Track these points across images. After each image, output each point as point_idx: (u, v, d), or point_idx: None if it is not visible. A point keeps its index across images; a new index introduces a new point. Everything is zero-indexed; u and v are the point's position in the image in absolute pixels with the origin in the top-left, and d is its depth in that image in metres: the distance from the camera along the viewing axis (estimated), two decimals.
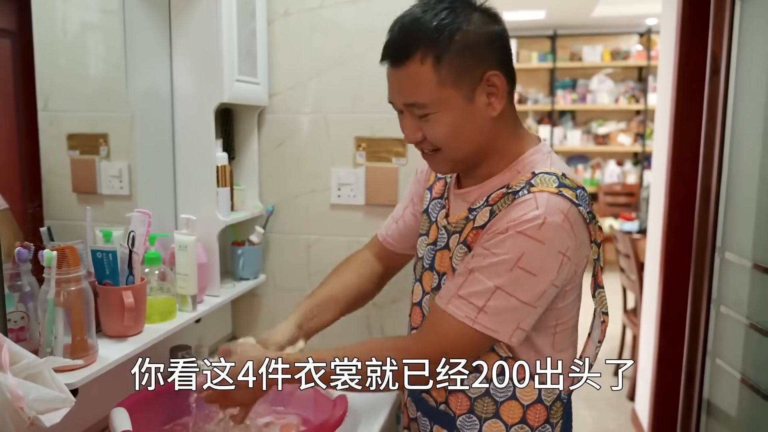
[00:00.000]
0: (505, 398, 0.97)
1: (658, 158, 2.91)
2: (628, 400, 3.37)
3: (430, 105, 0.92)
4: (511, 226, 0.87)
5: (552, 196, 0.88)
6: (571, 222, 0.88)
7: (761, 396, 1.53)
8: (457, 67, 0.89)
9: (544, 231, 0.86)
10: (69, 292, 1.04)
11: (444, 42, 0.88)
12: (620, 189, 6.36)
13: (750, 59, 1.63)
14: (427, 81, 0.90)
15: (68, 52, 1.34)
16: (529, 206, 0.88)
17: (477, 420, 0.98)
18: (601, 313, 0.99)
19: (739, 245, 1.66)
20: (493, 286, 0.88)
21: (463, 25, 0.90)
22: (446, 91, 0.90)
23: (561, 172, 0.93)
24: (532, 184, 0.90)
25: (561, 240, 0.87)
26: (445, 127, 0.93)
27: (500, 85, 0.92)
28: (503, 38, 0.95)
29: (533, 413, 0.97)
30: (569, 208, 0.88)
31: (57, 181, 1.29)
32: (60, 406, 0.85)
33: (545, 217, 0.86)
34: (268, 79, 1.68)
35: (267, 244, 1.76)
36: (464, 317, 0.89)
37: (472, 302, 0.89)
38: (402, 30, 0.92)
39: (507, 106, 0.96)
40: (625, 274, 3.57)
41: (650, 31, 6.18)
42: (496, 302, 0.88)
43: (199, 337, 1.56)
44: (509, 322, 0.89)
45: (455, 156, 0.97)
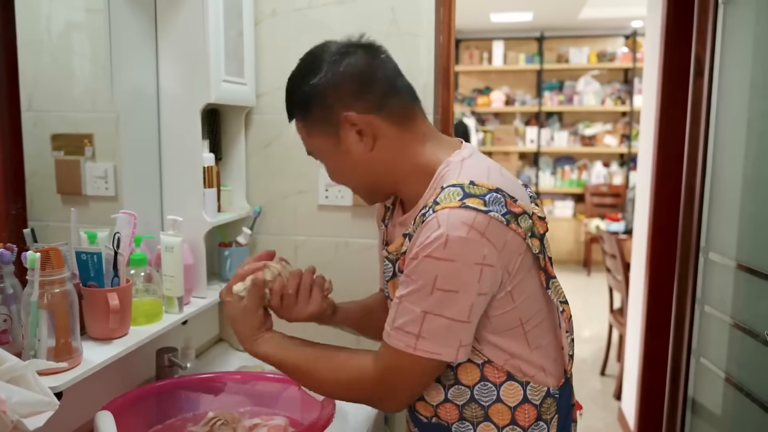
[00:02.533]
0: (491, 402, 0.97)
1: (644, 159, 2.94)
2: (614, 399, 3.40)
3: (314, 152, 1.04)
4: (419, 251, 0.87)
5: (453, 211, 0.87)
6: (480, 230, 0.86)
7: (745, 394, 1.55)
8: (314, 119, 0.99)
9: (450, 248, 0.85)
10: (53, 295, 1.03)
11: (303, 104, 0.99)
12: (607, 190, 6.42)
13: (732, 61, 1.65)
14: (303, 135, 1.02)
15: (52, 52, 1.32)
16: (431, 227, 0.87)
17: (470, 425, 0.98)
18: (559, 303, 0.99)
19: (722, 245, 1.68)
20: (420, 311, 0.88)
21: (312, 79, 0.97)
22: (318, 141, 1.00)
23: (468, 181, 0.91)
24: (437, 202, 0.89)
25: (472, 252, 0.86)
26: (333, 169, 1.04)
27: (359, 121, 0.96)
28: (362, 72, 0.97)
29: (522, 413, 0.97)
30: (474, 218, 0.86)
31: (41, 182, 1.28)
32: (43, 410, 0.84)
33: (447, 234, 0.85)
34: (255, 80, 1.68)
35: (254, 245, 1.75)
36: (405, 347, 0.90)
37: (408, 331, 0.89)
38: (286, 94, 1.03)
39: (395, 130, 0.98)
40: (611, 275, 3.60)
41: (636, 33, 6.24)
42: (430, 326, 0.88)
43: (185, 339, 1.56)
44: (449, 342, 0.89)
45: (359, 190, 1.06)
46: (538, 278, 0.97)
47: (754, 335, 1.50)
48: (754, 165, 1.56)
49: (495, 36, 6.51)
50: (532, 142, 6.57)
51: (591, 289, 5.64)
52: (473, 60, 6.58)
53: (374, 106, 0.97)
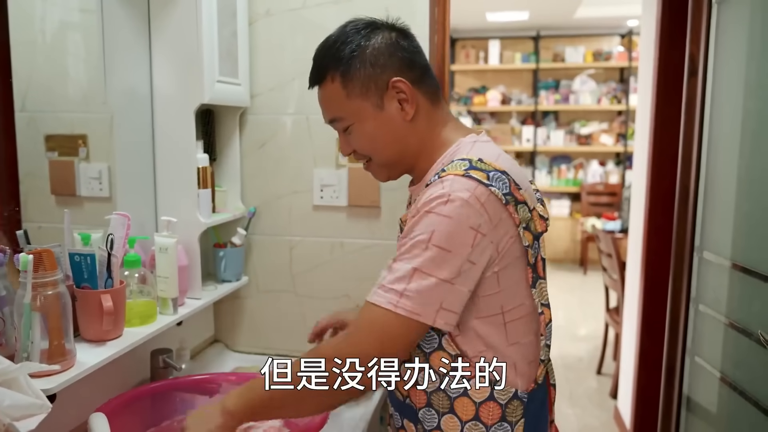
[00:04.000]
0: (457, 394, 0.97)
1: (639, 158, 2.94)
2: (610, 397, 3.41)
3: (346, 117, 1.02)
4: (421, 208, 0.91)
5: (457, 177, 0.91)
6: (480, 200, 0.90)
7: (739, 393, 1.55)
8: (362, 79, 0.99)
9: (449, 206, 0.89)
10: (46, 297, 1.02)
11: (347, 59, 0.99)
12: (602, 189, 6.42)
13: (726, 61, 1.65)
14: (339, 96, 1.00)
15: (46, 52, 1.32)
16: (435, 188, 0.92)
17: (435, 413, 1.00)
18: (540, 304, 0.99)
19: (717, 245, 1.69)
20: (411, 268, 0.89)
21: (362, 42, 1.00)
22: (357, 103, 1.00)
23: (477, 158, 0.95)
24: (444, 170, 0.94)
25: (470, 216, 0.89)
26: (365, 136, 1.02)
27: (407, 90, 0.99)
28: (405, 48, 1.02)
29: (486, 411, 0.97)
30: (476, 186, 0.90)
31: (35, 183, 1.27)
32: (36, 413, 0.84)
33: (450, 194, 0.89)
34: (249, 80, 1.67)
35: (249, 245, 1.75)
36: (386, 303, 0.90)
37: (393, 288, 0.90)
38: (316, 57, 1.05)
39: (428, 107, 1.03)
40: (607, 273, 3.61)
41: (631, 32, 6.25)
42: (415, 284, 0.89)
43: (180, 341, 1.55)
44: (431, 302, 0.89)
45: (384, 161, 1.05)
46: (525, 272, 0.98)
47: (748, 334, 1.51)
48: (749, 164, 1.56)
49: (491, 35, 6.51)
50: (528, 141, 6.57)
51: (587, 288, 5.65)
52: (469, 59, 6.58)
53: (417, 78, 1.02)
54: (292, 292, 1.75)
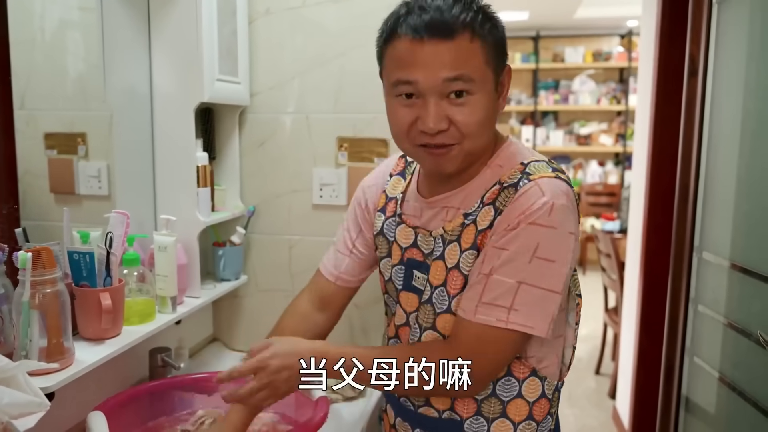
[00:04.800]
0: (512, 397, 0.97)
1: (639, 159, 2.94)
2: (609, 397, 3.41)
3: (477, 80, 0.89)
4: (522, 219, 0.87)
5: (552, 180, 0.89)
6: (573, 202, 0.91)
7: (738, 393, 1.55)
8: (495, 54, 0.91)
9: (554, 215, 0.87)
10: (44, 295, 1.02)
11: (489, 26, 0.90)
12: (602, 189, 6.42)
13: (726, 61, 1.65)
14: (477, 57, 0.89)
15: (45, 50, 1.32)
16: (534, 194, 0.88)
17: (485, 421, 0.97)
18: (575, 295, 1.00)
19: (716, 245, 1.69)
20: (515, 282, 0.87)
21: (494, 19, 0.92)
22: (489, 73, 0.91)
23: (547, 158, 0.96)
24: (529, 173, 0.91)
25: (569, 221, 0.89)
26: (480, 111, 0.90)
27: (508, 81, 0.96)
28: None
29: (539, 408, 0.98)
30: (568, 189, 0.90)
31: (34, 181, 1.27)
32: (34, 411, 0.84)
33: (553, 202, 0.87)
34: (249, 79, 1.67)
35: (248, 244, 1.75)
36: (496, 321, 0.88)
37: (499, 305, 0.88)
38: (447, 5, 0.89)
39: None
40: (606, 274, 3.61)
41: (631, 32, 6.25)
42: (524, 297, 0.87)
43: (179, 339, 1.55)
44: (543, 315, 0.88)
45: (474, 147, 0.93)
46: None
47: (747, 335, 1.51)
48: (748, 164, 1.56)
49: None
50: (527, 141, 6.57)
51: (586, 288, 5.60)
52: None
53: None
54: (291, 291, 1.74)
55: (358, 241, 1.16)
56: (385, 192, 1.12)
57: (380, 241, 1.10)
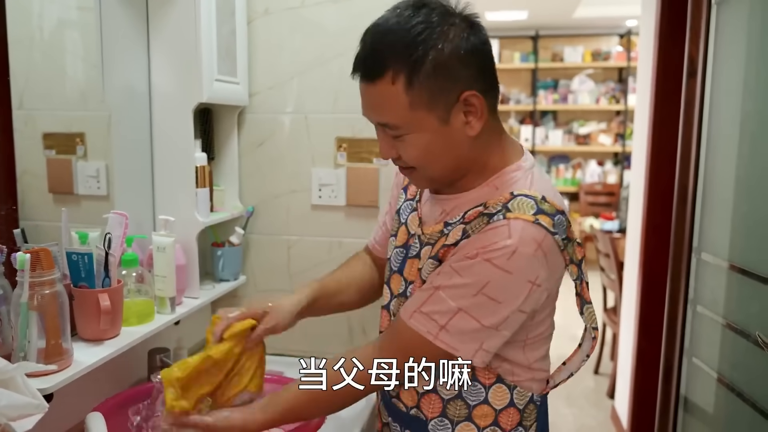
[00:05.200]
0: (478, 402, 0.96)
1: (637, 158, 2.94)
2: (607, 397, 3.41)
3: (402, 126, 0.87)
4: (480, 252, 0.85)
5: (527, 224, 0.85)
6: (545, 251, 0.85)
7: (736, 394, 1.55)
8: (431, 90, 0.84)
9: (513, 261, 0.84)
10: (43, 296, 1.02)
11: (417, 62, 0.83)
12: (601, 188, 6.43)
13: (726, 62, 1.65)
14: (398, 102, 0.85)
15: (43, 50, 1.31)
16: (501, 234, 0.84)
17: (449, 423, 0.97)
18: (591, 329, 0.97)
19: (715, 246, 1.69)
20: (456, 307, 0.87)
21: (438, 43, 0.83)
22: (419, 114, 0.85)
23: (541, 195, 0.88)
24: (509, 208, 0.86)
25: (531, 270, 0.85)
26: (419, 148, 0.89)
27: (478, 104, 0.87)
28: (482, 52, 0.89)
29: (506, 417, 0.97)
30: (544, 237, 0.85)
31: (32, 181, 1.27)
32: (33, 413, 0.84)
33: (516, 247, 0.83)
34: (248, 79, 1.67)
35: (247, 245, 1.74)
36: (426, 333, 0.89)
37: (434, 319, 0.88)
38: (374, 44, 0.86)
39: (489, 119, 0.91)
40: (605, 273, 3.61)
41: (630, 32, 6.25)
42: (458, 323, 0.87)
43: (178, 340, 1.55)
44: (471, 342, 0.88)
45: (433, 175, 0.93)
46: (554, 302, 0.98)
47: (745, 335, 1.51)
48: (747, 165, 1.56)
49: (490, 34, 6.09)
50: (526, 140, 6.57)
51: None
52: None
53: (489, 87, 0.90)
54: (290, 291, 1.72)
55: (388, 216, 1.19)
56: None
57: (395, 219, 1.11)
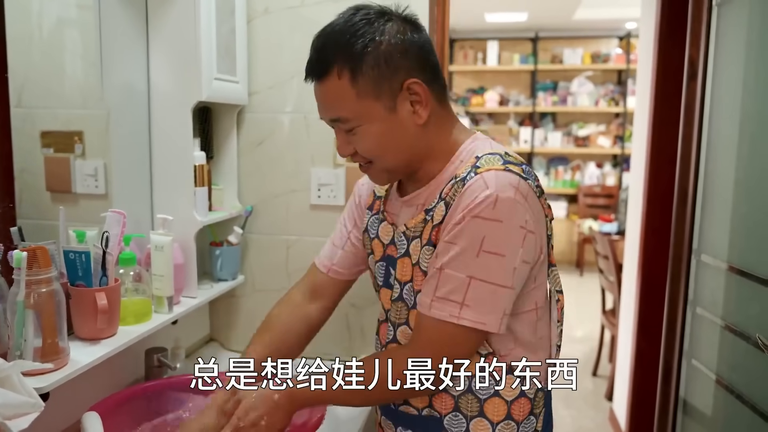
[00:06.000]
0: (488, 395, 0.96)
1: (637, 161, 2.94)
2: (606, 399, 3.41)
3: (353, 119, 0.93)
4: (465, 213, 0.87)
5: (499, 172, 0.88)
6: (524, 194, 0.88)
7: (735, 397, 1.55)
8: (375, 79, 0.90)
9: (498, 209, 0.86)
10: (39, 294, 1.01)
11: (358, 54, 0.89)
12: (600, 191, 6.43)
13: (726, 64, 1.65)
14: (346, 95, 0.91)
15: (42, 48, 1.31)
16: (478, 188, 0.87)
17: (463, 418, 0.97)
18: (555, 291, 1.00)
19: (714, 247, 1.68)
20: (466, 277, 0.87)
21: (376, 36, 0.90)
22: (367, 103, 0.91)
23: (504, 151, 0.94)
24: (478, 166, 0.90)
25: (518, 214, 0.87)
26: (372, 139, 0.94)
27: (422, 92, 0.92)
28: (420, 45, 0.94)
29: (518, 408, 0.97)
30: (518, 181, 0.88)
31: (30, 179, 1.26)
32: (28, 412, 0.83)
33: (497, 195, 0.86)
34: (247, 78, 1.66)
35: (246, 244, 1.74)
36: (448, 316, 0.88)
37: (452, 300, 0.88)
38: (319, 47, 0.93)
39: (437, 108, 0.96)
40: (603, 275, 3.61)
41: (630, 34, 6.25)
42: (475, 293, 0.87)
43: (175, 339, 1.54)
44: (494, 310, 0.88)
45: (388, 166, 0.97)
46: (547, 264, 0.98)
47: (745, 338, 1.51)
48: (747, 167, 1.56)
49: (489, 36, 6.51)
50: (525, 142, 6.57)
51: (583, 290, 5.65)
52: (467, 60, 6.58)
53: (430, 78, 0.94)
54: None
55: (352, 235, 1.18)
56: (374, 191, 1.13)
57: (365, 239, 1.12)
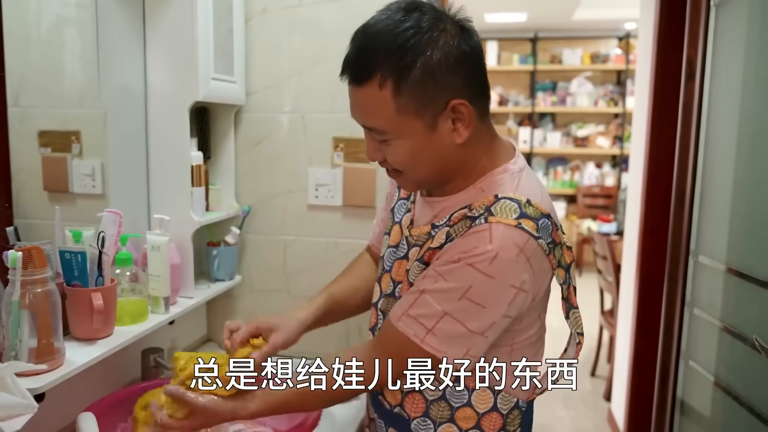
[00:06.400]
0: (461, 404, 0.96)
1: (635, 161, 2.94)
2: (604, 400, 3.41)
3: (388, 132, 0.88)
4: (462, 256, 0.85)
5: (508, 228, 0.84)
6: (528, 255, 0.85)
7: (733, 398, 1.55)
8: (419, 96, 0.84)
9: (495, 266, 0.83)
10: (35, 294, 1.01)
11: (405, 68, 0.82)
12: (599, 191, 6.43)
13: (724, 64, 1.65)
14: (385, 108, 0.85)
15: (39, 47, 1.30)
16: (482, 239, 0.84)
17: (431, 423, 0.97)
18: (576, 334, 0.97)
19: (712, 249, 1.68)
20: (441, 310, 0.87)
21: (427, 50, 0.83)
22: (406, 120, 0.85)
23: (525, 199, 0.88)
24: (492, 212, 0.86)
25: (514, 274, 0.85)
26: (405, 153, 0.89)
27: (466, 112, 0.87)
28: (472, 59, 0.88)
29: (488, 421, 0.96)
30: (526, 241, 0.84)
31: (27, 179, 1.26)
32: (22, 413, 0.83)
33: (498, 252, 0.83)
34: (245, 78, 1.66)
35: (243, 244, 1.74)
36: (413, 335, 0.89)
37: (421, 323, 0.88)
38: (363, 47, 0.87)
39: (478, 125, 0.91)
40: (602, 276, 3.61)
41: (629, 35, 6.25)
42: (445, 327, 0.87)
43: (172, 340, 1.54)
44: (458, 346, 0.88)
45: (417, 179, 0.94)
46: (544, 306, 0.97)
47: (742, 339, 1.51)
48: (745, 168, 1.56)
49: (489, 36, 6.51)
50: (525, 142, 6.57)
51: (582, 290, 5.59)
52: None
53: (476, 95, 0.89)
54: (286, 291, 1.73)
55: (386, 213, 1.17)
56: None
57: (389, 217, 1.10)
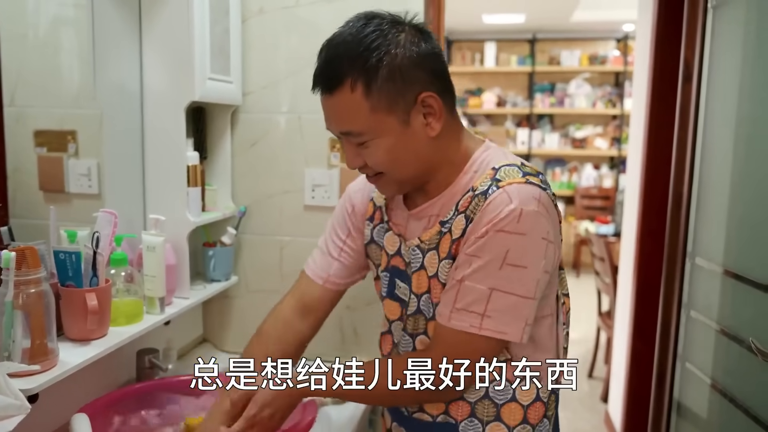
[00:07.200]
0: (505, 400, 0.96)
1: (633, 162, 2.94)
2: (601, 401, 3.40)
3: (365, 133, 0.91)
4: (489, 228, 0.87)
5: (521, 186, 0.88)
6: (546, 206, 0.89)
7: (729, 400, 1.55)
8: (389, 92, 0.88)
9: (522, 222, 0.86)
10: (28, 295, 1.01)
11: (373, 67, 0.87)
12: (596, 192, 6.43)
13: (721, 66, 1.65)
14: (359, 109, 0.88)
15: (35, 47, 1.30)
16: (502, 202, 0.87)
17: (479, 423, 0.97)
18: (562, 294, 1.00)
19: (709, 251, 1.68)
20: (487, 289, 0.87)
21: (391, 48, 0.88)
22: (380, 117, 0.89)
23: (520, 161, 0.94)
24: (498, 179, 0.90)
25: (541, 226, 0.88)
26: (383, 152, 0.92)
27: (436, 105, 0.91)
28: (433, 55, 0.92)
29: (533, 411, 0.98)
30: (540, 193, 0.89)
31: (23, 179, 1.26)
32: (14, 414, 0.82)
33: (521, 209, 0.86)
34: (241, 78, 1.66)
35: (239, 245, 1.73)
36: (469, 327, 0.88)
37: (472, 311, 0.88)
38: (330, 57, 0.91)
39: (449, 118, 0.95)
40: (599, 277, 3.60)
41: (627, 36, 6.26)
42: (496, 304, 0.88)
43: (167, 340, 1.54)
44: (516, 320, 0.88)
45: (400, 178, 0.96)
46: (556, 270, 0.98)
47: (739, 341, 1.50)
48: (742, 170, 1.56)
49: (487, 37, 6.51)
50: (523, 143, 6.57)
51: (579, 292, 5.63)
52: (465, 61, 6.58)
53: (443, 88, 0.93)
54: (282, 292, 1.70)
55: (347, 245, 1.16)
56: (373, 200, 1.11)
57: (372, 249, 1.11)
